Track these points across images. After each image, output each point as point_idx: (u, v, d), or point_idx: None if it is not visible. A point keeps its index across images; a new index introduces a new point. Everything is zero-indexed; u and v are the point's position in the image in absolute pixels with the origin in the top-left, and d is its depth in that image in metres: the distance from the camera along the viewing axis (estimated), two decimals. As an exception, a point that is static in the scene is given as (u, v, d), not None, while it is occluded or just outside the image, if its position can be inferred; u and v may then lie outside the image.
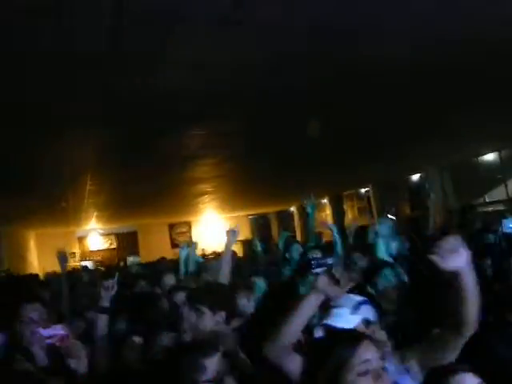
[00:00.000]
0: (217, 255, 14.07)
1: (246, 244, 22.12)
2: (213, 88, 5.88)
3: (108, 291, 3.34)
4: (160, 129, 7.50)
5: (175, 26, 4.20)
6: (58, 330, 2.26)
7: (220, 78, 5.57)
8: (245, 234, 24.16)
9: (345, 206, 20.76)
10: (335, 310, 2.48)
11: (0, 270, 17.09)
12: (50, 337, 2.24)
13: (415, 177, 16.82)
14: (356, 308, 2.49)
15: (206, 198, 16.56)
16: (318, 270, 2.55)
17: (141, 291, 5.91)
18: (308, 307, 2.39)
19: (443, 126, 9.47)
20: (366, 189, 18.85)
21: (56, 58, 4.60)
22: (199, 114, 6.91)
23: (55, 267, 17.78)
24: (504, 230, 7.20)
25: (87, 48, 4.46)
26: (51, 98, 5.67)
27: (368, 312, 2.56)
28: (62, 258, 6.66)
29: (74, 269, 17.08)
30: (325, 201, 21.50)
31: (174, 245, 25.15)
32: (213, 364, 2.18)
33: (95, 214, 17.45)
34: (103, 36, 4.26)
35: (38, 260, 22.72)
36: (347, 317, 2.42)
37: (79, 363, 2.24)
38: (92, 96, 5.75)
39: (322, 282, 2.38)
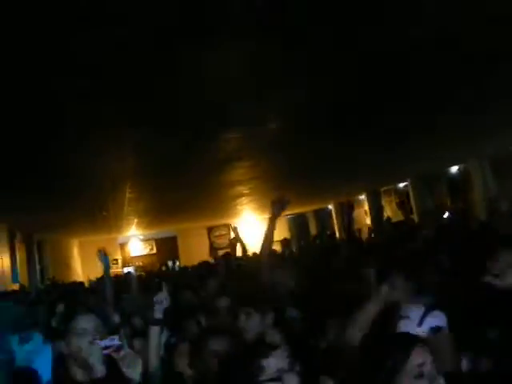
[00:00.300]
0: (257, 256, 14.03)
1: (285, 243, 22.10)
2: (247, 90, 5.92)
3: (161, 304, 3.34)
4: (197, 134, 7.57)
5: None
6: (114, 340, 2.30)
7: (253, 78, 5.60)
8: (283, 233, 24.15)
9: (383, 202, 20.52)
10: (402, 322, 2.47)
11: (46, 278, 17.54)
12: (106, 347, 2.27)
13: (454, 169, 16.52)
14: (422, 319, 2.47)
15: (244, 199, 16.62)
16: None
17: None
18: (365, 315, 2.42)
19: (485, 115, 9.28)
20: (405, 183, 18.60)
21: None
22: (235, 117, 6.96)
23: (99, 274, 18.15)
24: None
25: (135, 49, 4.55)
26: (90, 107, 5.80)
27: (436, 319, 2.51)
28: (103, 257, 6.69)
29: (116, 275, 17.38)
30: (362, 197, 21.31)
31: (213, 248, 25.31)
32: (271, 363, 2.20)
33: (135, 220, 17.72)
34: (149, 37, 4.33)
35: (81, 267, 23.17)
36: (414, 329, 2.40)
37: (134, 373, 2.28)
38: (131, 101, 5.86)
39: (384, 291, 2.42)
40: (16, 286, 13.77)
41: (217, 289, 5.55)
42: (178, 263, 22.99)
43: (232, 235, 24.18)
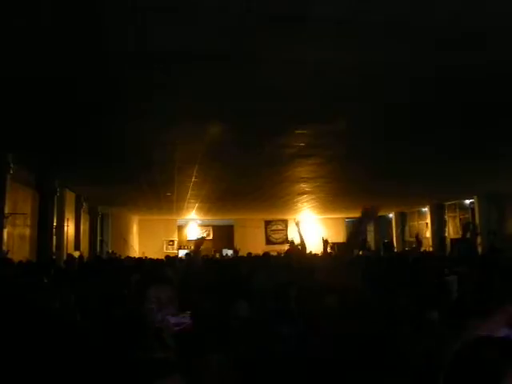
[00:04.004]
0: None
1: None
2: (317, 88, 5.92)
3: None
4: (266, 127, 7.65)
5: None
6: (186, 318, 2.35)
7: (325, 78, 5.59)
8: (341, 236, 24.02)
9: (446, 217, 20.09)
10: None
11: (106, 251, 18.15)
12: (177, 324, 2.33)
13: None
14: None
15: (305, 197, 16.61)
16: None
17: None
18: None
19: None
20: (471, 200, 18.12)
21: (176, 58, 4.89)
22: (304, 114, 6.99)
23: (154, 252, 18.59)
24: None
25: (210, 50, 4.70)
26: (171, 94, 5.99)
27: None
28: None
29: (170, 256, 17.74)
30: (425, 209, 20.91)
31: (269, 241, 25.44)
32: None
33: (196, 205, 18.02)
34: (223, 37, 4.44)
35: (138, 245, 23.80)
36: None
37: None
38: (208, 93, 6.02)
39: None
40: (76, 254, 14.32)
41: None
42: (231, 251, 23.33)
43: (288, 231, 24.28)
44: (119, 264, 10.52)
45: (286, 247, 22.66)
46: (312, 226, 24.04)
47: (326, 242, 7.62)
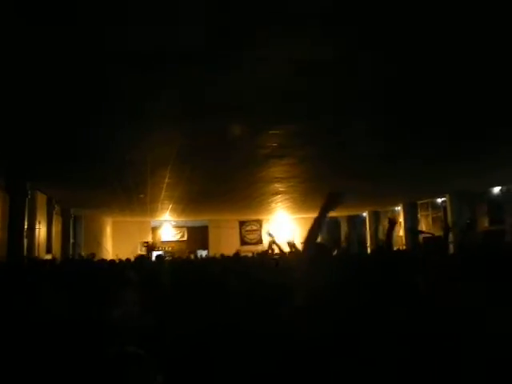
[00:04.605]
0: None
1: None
2: (290, 88, 5.93)
3: None
4: (239, 128, 7.63)
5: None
6: (149, 319, 2.35)
7: (297, 78, 5.60)
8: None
9: (419, 215, 20.33)
10: None
11: (79, 253, 17.91)
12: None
13: (496, 189, 16.25)
14: None
15: (279, 197, 16.64)
16: None
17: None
18: None
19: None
20: (443, 199, 18.37)
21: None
22: (277, 114, 7.00)
23: (128, 254, 18.41)
24: None
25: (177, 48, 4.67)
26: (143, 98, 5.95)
27: None
28: None
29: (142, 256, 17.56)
30: (398, 208, 21.12)
31: (244, 242, 25.42)
32: None
33: (170, 206, 17.92)
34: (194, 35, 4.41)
35: (112, 247, 23.56)
36: None
37: None
38: (175, 95, 5.99)
39: None
40: (49, 257, 14.11)
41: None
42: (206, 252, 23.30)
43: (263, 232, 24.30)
44: (92, 266, 10.40)
45: (261, 247, 22.74)
46: (286, 226, 24.12)
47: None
